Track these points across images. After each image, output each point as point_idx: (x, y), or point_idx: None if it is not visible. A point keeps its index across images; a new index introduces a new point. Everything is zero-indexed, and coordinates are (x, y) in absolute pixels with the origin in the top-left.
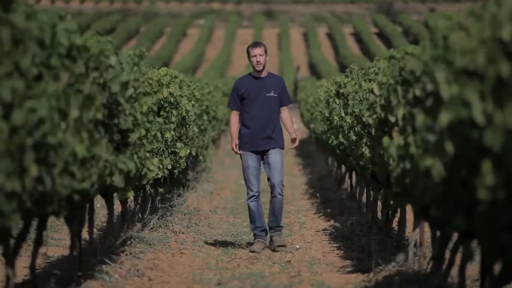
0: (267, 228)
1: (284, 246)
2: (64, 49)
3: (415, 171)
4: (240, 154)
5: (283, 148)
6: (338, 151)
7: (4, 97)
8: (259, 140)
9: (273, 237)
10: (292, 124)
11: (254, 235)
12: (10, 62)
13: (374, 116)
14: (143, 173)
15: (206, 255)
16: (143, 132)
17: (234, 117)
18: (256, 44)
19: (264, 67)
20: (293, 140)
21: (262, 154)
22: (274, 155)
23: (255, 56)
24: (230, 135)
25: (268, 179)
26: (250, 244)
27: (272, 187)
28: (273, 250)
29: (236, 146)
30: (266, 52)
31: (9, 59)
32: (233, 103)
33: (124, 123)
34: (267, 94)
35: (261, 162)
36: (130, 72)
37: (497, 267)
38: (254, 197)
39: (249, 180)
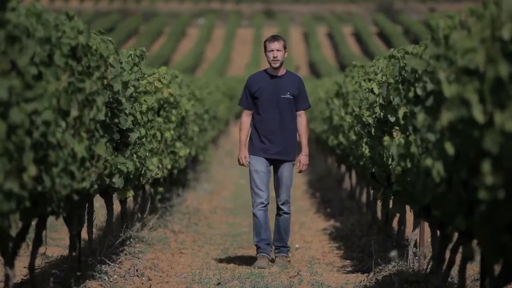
0: (272, 247)
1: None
2: (68, 48)
3: (416, 170)
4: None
5: (294, 160)
6: (338, 151)
7: (1, 96)
8: (270, 147)
9: (277, 257)
10: (306, 136)
11: (258, 248)
12: (6, 60)
13: (374, 116)
14: (142, 172)
15: (205, 255)
16: (142, 131)
17: (246, 118)
18: (274, 37)
19: (281, 64)
20: (301, 163)
21: (271, 161)
22: (285, 171)
23: (272, 51)
24: (239, 140)
25: (275, 193)
26: (253, 258)
27: (278, 204)
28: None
29: (244, 158)
30: (285, 47)
31: (4, 57)
32: (245, 102)
33: (124, 122)
34: (282, 96)
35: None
36: (131, 72)
37: (497, 267)
38: (263, 205)
39: (257, 187)
